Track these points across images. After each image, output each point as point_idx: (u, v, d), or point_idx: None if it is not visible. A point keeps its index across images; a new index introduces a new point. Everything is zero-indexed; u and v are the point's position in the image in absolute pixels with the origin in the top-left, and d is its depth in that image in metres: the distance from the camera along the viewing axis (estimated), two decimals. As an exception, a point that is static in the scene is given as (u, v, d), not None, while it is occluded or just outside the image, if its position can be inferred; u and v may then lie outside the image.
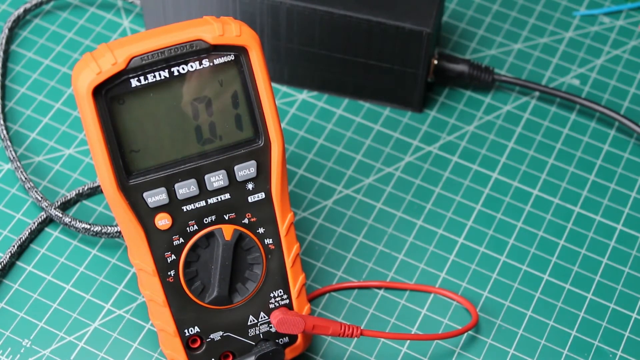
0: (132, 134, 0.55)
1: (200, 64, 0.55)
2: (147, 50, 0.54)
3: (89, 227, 0.66)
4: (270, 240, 0.59)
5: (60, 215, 0.66)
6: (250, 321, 0.60)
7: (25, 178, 0.68)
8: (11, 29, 0.76)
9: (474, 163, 0.72)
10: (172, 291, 0.58)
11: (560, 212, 0.70)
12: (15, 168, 0.69)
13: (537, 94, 0.75)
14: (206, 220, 0.57)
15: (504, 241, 0.69)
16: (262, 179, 0.58)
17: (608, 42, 0.78)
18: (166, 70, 0.55)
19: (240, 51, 0.56)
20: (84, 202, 0.69)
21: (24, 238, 0.67)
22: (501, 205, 0.70)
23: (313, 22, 0.70)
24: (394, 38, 0.69)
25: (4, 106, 0.73)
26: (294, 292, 0.60)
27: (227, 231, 0.58)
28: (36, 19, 0.77)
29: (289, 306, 0.60)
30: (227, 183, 0.57)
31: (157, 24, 0.74)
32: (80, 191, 0.69)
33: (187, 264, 0.58)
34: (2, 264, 0.65)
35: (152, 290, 0.58)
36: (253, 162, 0.57)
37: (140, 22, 0.78)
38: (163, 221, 0.56)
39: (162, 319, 0.58)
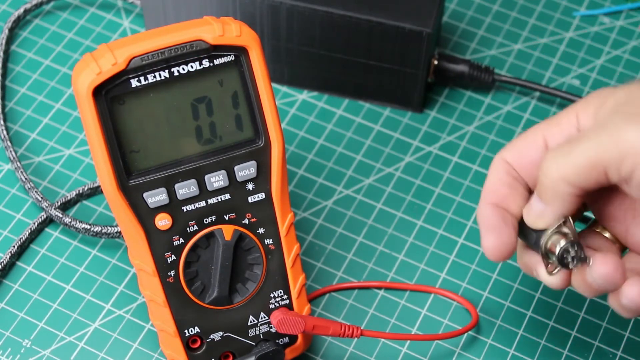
0: (132, 134, 0.55)
1: (201, 64, 0.55)
2: (148, 51, 0.54)
3: (89, 227, 0.66)
4: (271, 240, 0.59)
5: (61, 216, 0.66)
6: (251, 321, 0.60)
7: (26, 178, 0.68)
8: (11, 29, 0.76)
9: (474, 163, 0.72)
10: (172, 291, 0.58)
11: (560, 212, 0.70)
12: (16, 168, 0.69)
13: (537, 94, 0.75)
14: (206, 221, 0.57)
15: (504, 241, 0.69)
16: (262, 179, 0.58)
17: (608, 43, 0.78)
18: (166, 71, 0.55)
19: (240, 51, 0.56)
20: (84, 202, 0.69)
21: (24, 238, 0.67)
22: (501, 206, 0.70)
23: (313, 22, 0.70)
24: (394, 38, 0.69)
25: (4, 106, 0.73)
26: (294, 292, 0.60)
27: (227, 231, 0.58)
28: (36, 19, 0.77)
29: (289, 306, 0.60)
30: (227, 183, 0.57)
31: (157, 24, 0.74)
32: (81, 191, 0.69)
33: (187, 264, 0.58)
34: (2, 264, 0.65)
35: (152, 290, 0.58)
36: (253, 163, 0.57)
37: (140, 22, 0.78)
38: (163, 221, 0.56)
39: (162, 319, 0.58)
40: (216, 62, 0.56)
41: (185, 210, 0.57)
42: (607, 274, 0.52)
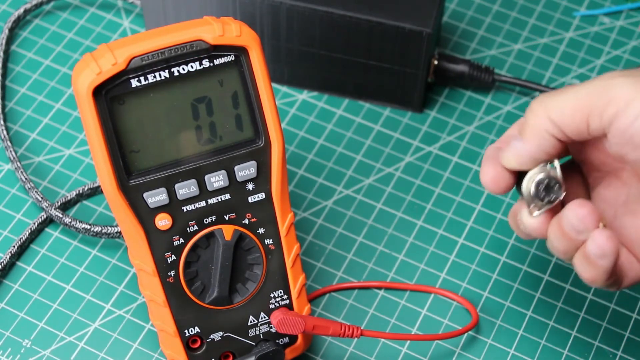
0: (132, 134, 0.55)
1: (201, 64, 0.55)
2: (148, 51, 0.54)
3: (89, 227, 0.66)
4: (271, 240, 0.59)
5: (61, 216, 0.66)
6: (251, 321, 0.60)
7: (26, 178, 0.68)
8: (11, 29, 0.76)
9: (474, 163, 0.72)
10: (172, 291, 0.58)
11: (560, 212, 0.70)
12: (16, 168, 0.69)
13: (537, 94, 0.75)
14: (206, 221, 0.57)
15: (504, 241, 0.69)
16: (262, 179, 0.58)
17: (608, 43, 0.78)
18: (166, 71, 0.55)
19: (240, 51, 0.56)
20: (84, 202, 0.69)
21: (24, 238, 0.67)
22: (501, 206, 0.70)
23: (313, 22, 0.70)
24: (394, 38, 0.69)
25: (4, 106, 0.73)
26: (294, 292, 0.60)
27: (227, 231, 0.58)
28: (36, 19, 0.77)
29: (289, 306, 0.60)
30: (227, 183, 0.57)
31: (157, 24, 0.74)
32: (81, 191, 0.69)
33: (187, 264, 0.58)
34: (2, 264, 0.65)
35: (152, 290, 0.58)
36: (253, 163, 0.57)
37: (140, 22, 0.78)
38: (163, 221, 0.56)
39: (162, 319, 0.58)
40: (216, 62, 0.56)
41: (185, 210, 0.57)
42: (583, 215, 0.53)
